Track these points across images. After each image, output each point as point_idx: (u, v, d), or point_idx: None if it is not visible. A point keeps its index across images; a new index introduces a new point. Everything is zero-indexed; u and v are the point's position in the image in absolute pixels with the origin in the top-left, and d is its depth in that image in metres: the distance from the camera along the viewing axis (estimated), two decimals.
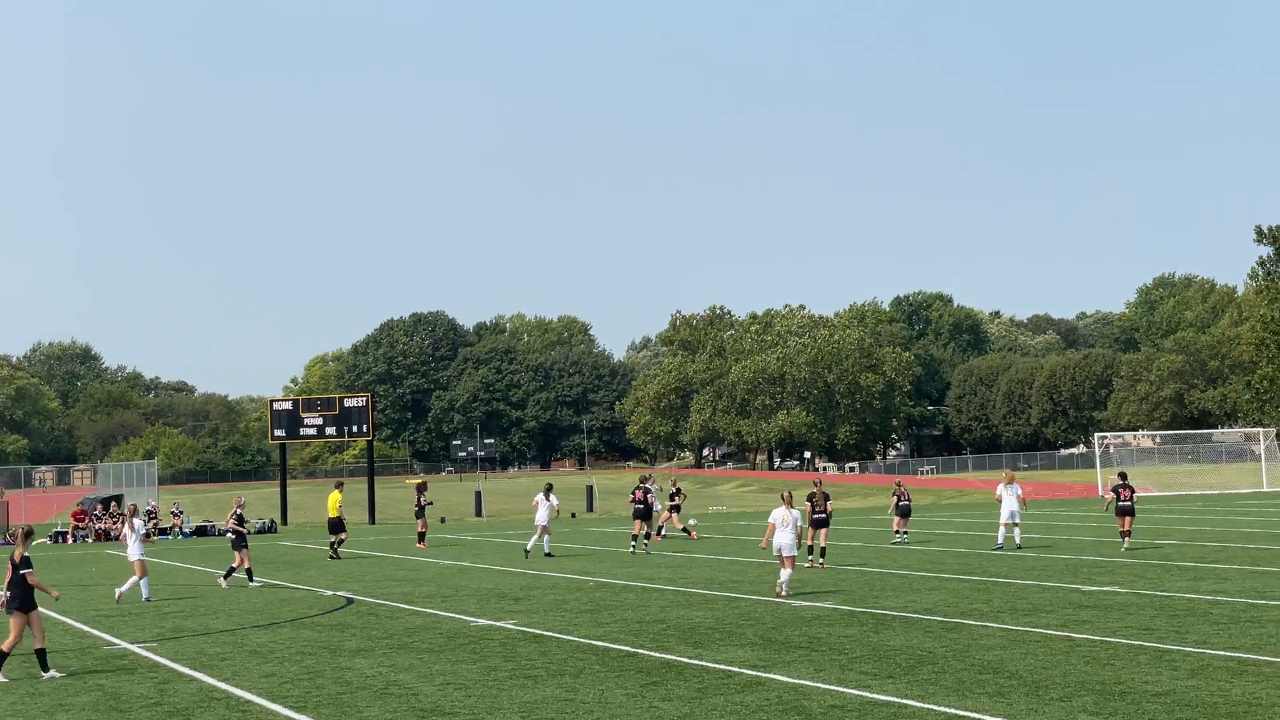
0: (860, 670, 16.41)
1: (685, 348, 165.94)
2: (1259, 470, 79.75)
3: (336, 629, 22.54)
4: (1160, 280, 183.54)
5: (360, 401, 73.99)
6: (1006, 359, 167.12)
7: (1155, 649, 17.39)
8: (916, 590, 25.63)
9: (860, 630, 20.08)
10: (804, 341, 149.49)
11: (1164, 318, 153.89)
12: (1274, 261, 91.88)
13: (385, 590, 29.48)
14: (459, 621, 22.93)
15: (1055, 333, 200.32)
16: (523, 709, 14.58)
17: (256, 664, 18.68)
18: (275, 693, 16.21)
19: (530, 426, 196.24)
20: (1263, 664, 16.03)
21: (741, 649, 18.47)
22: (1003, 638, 18.85)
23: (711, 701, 14.66)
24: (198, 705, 15.62)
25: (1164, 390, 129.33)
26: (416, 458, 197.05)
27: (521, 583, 30.10)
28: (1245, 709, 13.45)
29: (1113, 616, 20.74)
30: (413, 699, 15.46)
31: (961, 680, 15.52)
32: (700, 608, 23.76)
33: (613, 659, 17.95)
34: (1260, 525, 43.13)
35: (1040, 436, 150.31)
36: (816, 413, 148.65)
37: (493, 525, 63.64)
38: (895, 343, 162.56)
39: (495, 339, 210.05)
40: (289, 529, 67.10)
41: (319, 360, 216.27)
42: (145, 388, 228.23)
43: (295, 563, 40.07)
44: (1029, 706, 13.89)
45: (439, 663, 18.14)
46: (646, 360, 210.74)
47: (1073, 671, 15.86)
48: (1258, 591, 23.61)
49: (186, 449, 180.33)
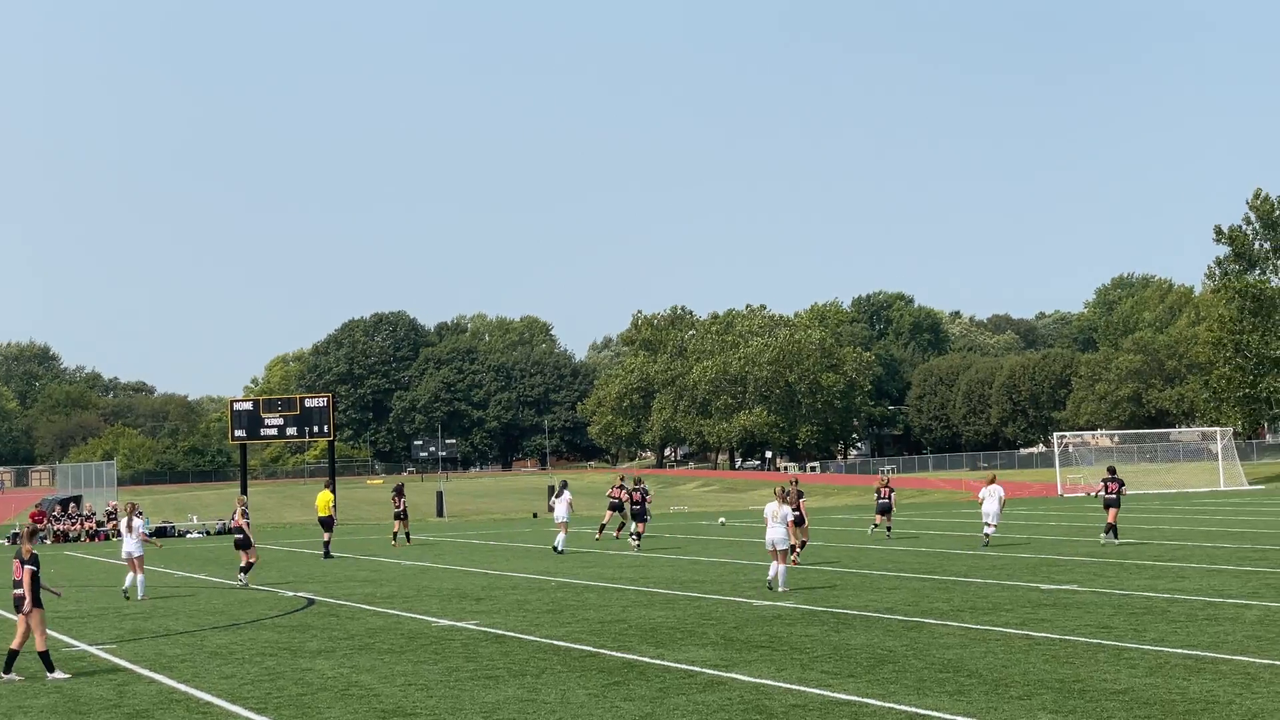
0: (821, 669, 16.47)
1: (647, 348, 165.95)
2: (1216, 469, 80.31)
3: (297, 630, 22.47)
4: (1118, 281, 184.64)
5: (321, 402, 73.70)
6: (966, 359, 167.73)
7: (1114, 647, 17.50)
8: (877, 589, 25.73)
9: (821, 629, 20.14)
10: (765, 342, 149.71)
11: (1122, 318, 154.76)
12: (1231, 261, 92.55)
13: (346, 591, 29.40)
14: (421, 622, 22.89)
15: (1015, 333, 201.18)
16: (484, 709, 14.57)
17: (216, 665, 18.61)
18: (235, 694, 16.15)
19: (492, 426, 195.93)
20: (1220, 661, 16.15)
21: (703, 648, 18.50)
22: (963, 636, 18.94)
23: (673, 701, 14.68)
24: (157, 707, 15.55)
25: (1122, 390, 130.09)
26: (378, 458, 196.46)
27: (483, 583, 30.08)
28: (1203, 706, 13.55)
29: (1072, 615, 20.87)
30: (374, 700, 15.42)
31: (922, 679, 15.59)
32: (662, 607, 23.79)
33: (574, 659, 17.95)
34: (1217, 524, 43.45)
35: (1000, 436, 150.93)
36: (778, 412, 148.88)
37: (454, 526, 63.54)
38: (856, 343, 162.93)
39: (456, 339, 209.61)
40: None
41: (279, 360, 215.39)
42: (104, 388, 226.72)
43: (256, 564, 39.83)
44: (989, 705, 13.96)
45: (400, 663, 18.11)
46: (608, 360, 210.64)
47: (1032, 670, 15.95)
48: (1215, 590, 23.79)
49: (146, 450, 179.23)
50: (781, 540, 25.59)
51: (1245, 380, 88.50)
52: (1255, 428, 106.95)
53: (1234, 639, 17.90)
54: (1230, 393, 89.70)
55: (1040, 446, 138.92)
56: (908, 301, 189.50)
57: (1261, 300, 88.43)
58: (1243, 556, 30.42)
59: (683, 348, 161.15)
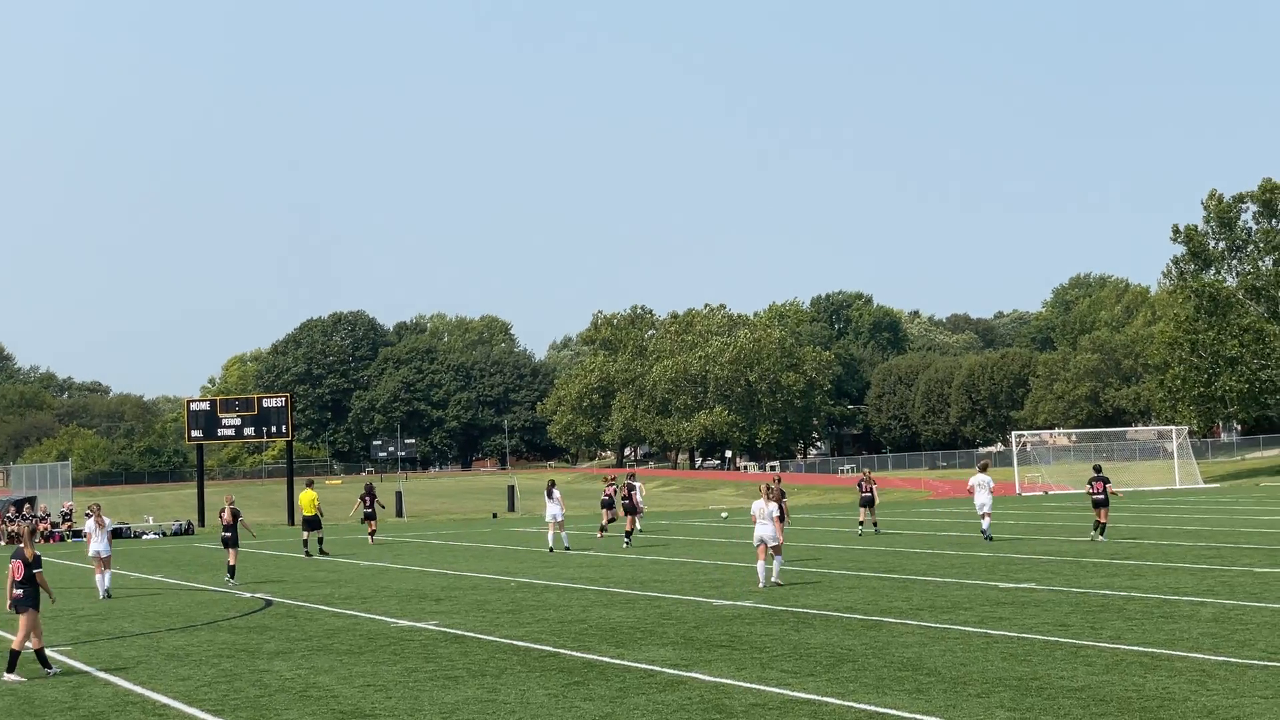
0: (781, 668, 16.48)
1: (607, 347, 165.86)
2: (1171, 468, 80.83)
3: (255, 631, 22.35)
4: (1076, 280, 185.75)
5: (279, 402, 73.40)
6: (926, 358, 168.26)
7: (1071, 645, 17.58)
8: (837, 588, 25.79)
9: (781, 629, 20.16)
10: (725, 341, 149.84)
11: (1079, 317, 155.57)
12: (1187, 261, 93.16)
13: (305, 592, 29.27)
14: (379, 623, 22.81)
15: (973, 332, 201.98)
16: (444, 710, 14.52)
17: (173, 667, 18.48)
18: (192, 696, 16.04)
19: (451, 426, 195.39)
20: (1175, 659, 16.24)
21: (663, 648, 18.49)
22: (922, 635, 18.99)
23: (633, 701, 14.67)
24: (113, 709, 15.43)
25: (1080, 389, 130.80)
26: (336, 458, 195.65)
27: (442, 583, 30.00)
28: (1159, 703, 13.62)
29: (1029, 613, 20.95)
30: (332, 701, 15.35)
31: (881, 677, 15.62)
32: (622, 607, 23.77)
33: (534, 659, 17.92)
34: (1173, 522, 43.73)
35: (959, 435, 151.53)
36: (738, 412, 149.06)
37: (413, 526, 63.37)
38: (815, 342, 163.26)
39: (415, 339, 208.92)
40: (206, 531, 66.42)
41: (237, 360, 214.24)
42: (58, 388, 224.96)
43: (212, 565, 39.67)
44: (947, 703, 14.00)
45: (359, 664, 18.04)
46: (568, 360, 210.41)
47: (990, 668, 16.01)
48: (1171, 587, 23.93)
49: (101, 450, 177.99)
50: (771, 537, 26.14)
51: (1200, 380, 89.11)
52: (1210, 427, 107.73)
53: (1189, 636, 18.01)
54: (1186, 392, 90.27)
55: (999, 446, 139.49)
56: (867, 301, 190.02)
57: (1217, 300, 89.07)
58: (1198, 555, 30.63)
59: (643, 347, 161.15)
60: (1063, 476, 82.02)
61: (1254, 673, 15.17)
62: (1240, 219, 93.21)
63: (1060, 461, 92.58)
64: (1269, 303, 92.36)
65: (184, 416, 74.70)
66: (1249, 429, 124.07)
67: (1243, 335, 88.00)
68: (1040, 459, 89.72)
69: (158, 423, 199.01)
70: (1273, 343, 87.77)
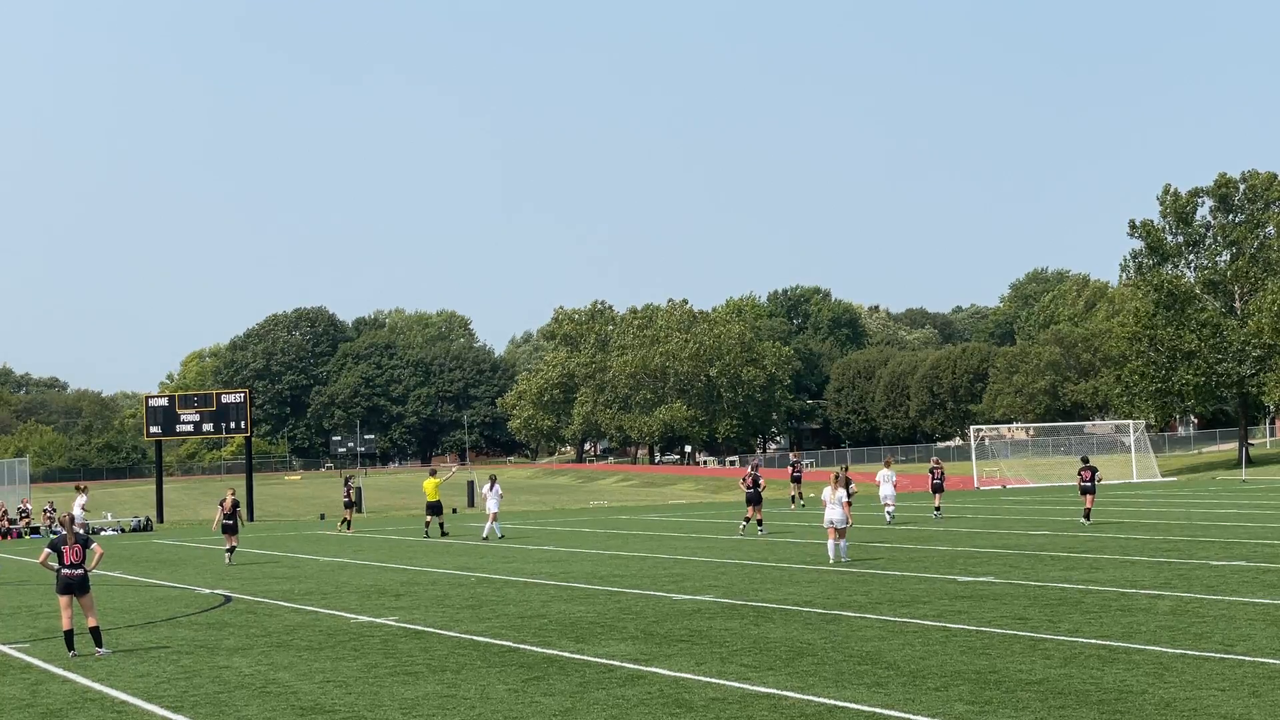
0: (741, 663, 16.52)
1: (567, 342, 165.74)
2: (1129, 461, 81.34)
3: (214, 627, 22.26)
4: (1033, 275, 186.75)
5: (238, 398, 73.02)
6: (885, 353, 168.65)
7: (1029, 638, 17.68)
8: (796, 582, 25.86)
9: (740, 623, 20.21)
10: (686, 336, 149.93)
11: (1041, 310, 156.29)
12: (1145, 255, 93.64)
13: (264, 588, 29.16)
14: (339, 619, 22.75)
15: (932, 326, 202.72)
16: (404, 705, 14.51)
17: (132, 664, 18.39)
18: (151, 692, 15.97)
19: (411, 422, 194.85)
20: (1133, 651, 16.36)
21: (623, 643, 18.51)
22: (881, 629, 19.07)
23: (593, 695, 14.68)
24: (71, 706, 15.34)
25: (1038, 383, 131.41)
26: (296, 454, 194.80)
27: (402, 579, 29.94)
28: (1116, 696, 13.72)
29: (988, 606, 21.07)
30: (292, 697, 15.31)
31: (840, 671, 15.68)
32: (582, 602, 23.78)
33: (494, 654, 17.91)
34: (1130, 515, 44.01)
35: (918, 429, 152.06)
36: (698, 406, 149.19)
37: (373, 521, 63.19)
38: (775, 337, 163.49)
39: (375, 334, 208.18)
40: (165, 527, 66.03)
41: (196, 356, 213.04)
42: (15, 384, 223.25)
43: (171, 561, 39.49)
44: (906, 696, 14.07)
45: (319, 660, 17.99)
46: (528, 355, 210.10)
47: (949, 661, 16.09)
48: (1128, 581, 24.10)
49: (58, 446, 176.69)
50: (840, 519, 29.13)
51: (1158, 374, 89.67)
52: (1167, 421, 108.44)
53: (1147, 629, 18.14)
54: (1143, 386, 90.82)
55: (958, 440, 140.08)
56: (825, 295, 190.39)
57: (1175, 294, 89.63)
58: (1155, 548, 30.84)
59: (604, 341, 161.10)
60: (1021, 470, 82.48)
61: (1211, 665, 15.30)
62: (1196, 213, 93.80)
63: (1018, 455, 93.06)
64: (1225, 297, 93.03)
65: (142, 413, 74.18)
66: (1205, 423, 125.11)
67: (1200, 330, 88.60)
68: (998, 453, 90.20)
69: (116, 419, 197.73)
70: (1229, 337, 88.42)
